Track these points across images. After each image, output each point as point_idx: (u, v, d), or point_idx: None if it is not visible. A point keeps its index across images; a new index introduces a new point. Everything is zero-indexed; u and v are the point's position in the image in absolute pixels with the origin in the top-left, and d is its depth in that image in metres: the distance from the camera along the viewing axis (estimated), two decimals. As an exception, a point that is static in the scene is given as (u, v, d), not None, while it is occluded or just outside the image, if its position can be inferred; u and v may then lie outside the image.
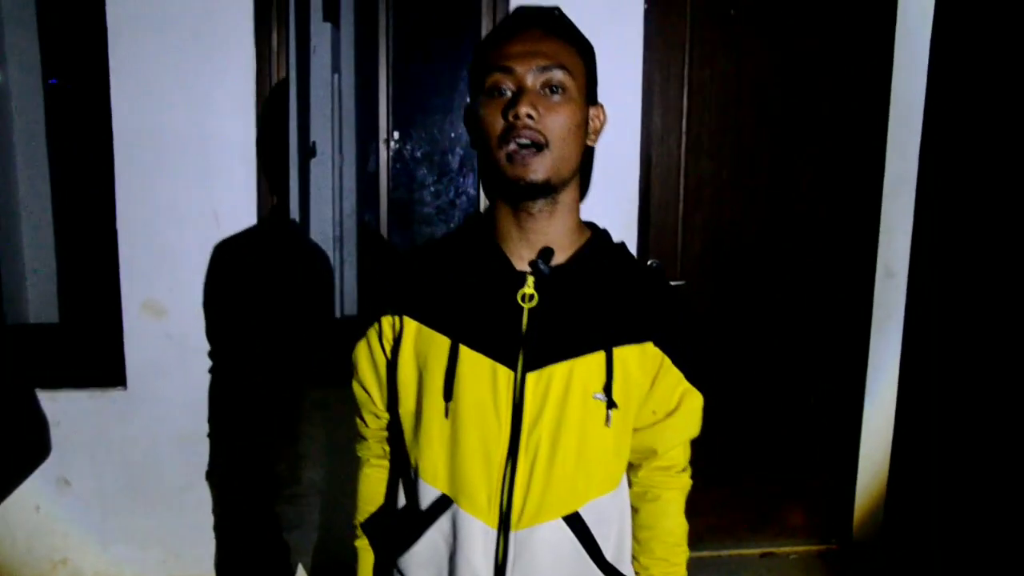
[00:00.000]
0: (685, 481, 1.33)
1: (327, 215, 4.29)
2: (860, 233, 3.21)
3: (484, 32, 2.88)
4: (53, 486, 2.87)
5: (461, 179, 4.07)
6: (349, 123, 4.28)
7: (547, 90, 1.11)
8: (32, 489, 2.86)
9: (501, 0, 2.83)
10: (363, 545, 1.38)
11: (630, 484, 1.31)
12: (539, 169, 1.10)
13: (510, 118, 1.09)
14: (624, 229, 2.98)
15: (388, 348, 1.23)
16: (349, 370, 1.33)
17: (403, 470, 1.28)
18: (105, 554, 2.92)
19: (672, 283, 3.01)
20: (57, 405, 2.84)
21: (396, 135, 3.87)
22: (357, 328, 1.28)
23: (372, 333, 1.26)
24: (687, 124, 3.03)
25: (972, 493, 2.95)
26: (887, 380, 3.31)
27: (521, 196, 1.13)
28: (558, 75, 1.11)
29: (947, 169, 3.09)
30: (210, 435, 2.89)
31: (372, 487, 1.39)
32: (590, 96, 1.19)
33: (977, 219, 2.98)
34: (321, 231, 4.14)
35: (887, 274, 3.23)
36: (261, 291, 2.88)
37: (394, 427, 1.32)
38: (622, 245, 1.26)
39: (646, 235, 3.03)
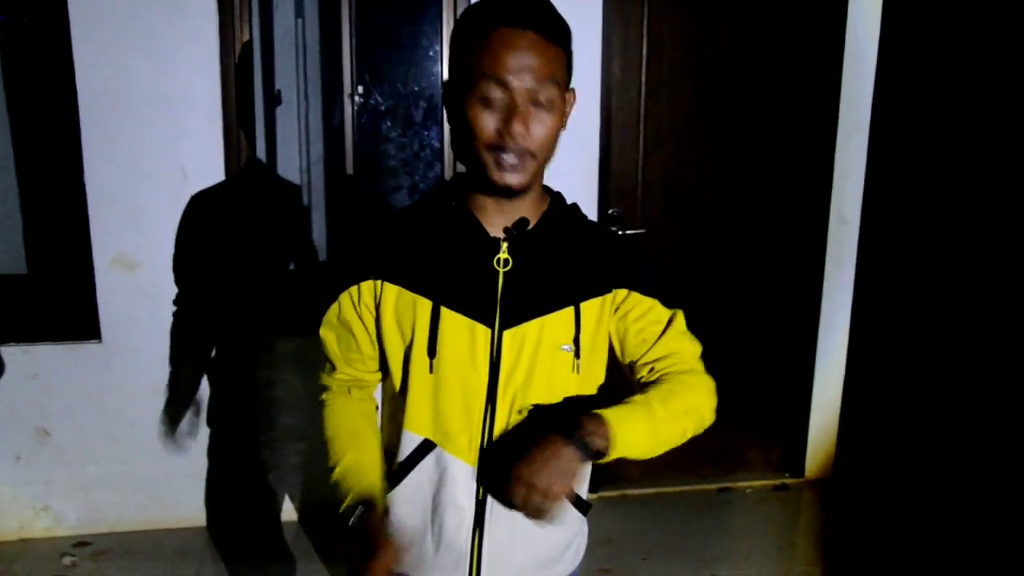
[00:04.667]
0: (708, 380, 1.41)
1: (295, 162, 4.31)
2: (814, 181, 3.30)
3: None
4: (33, 436, 2.94)
5: (425, 132, 4.09)
6: (313, 69, 4.28)
7: (537, 105, 1.14)
8: (12, 440, 2.94)
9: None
10: (342, 469, 1.32)
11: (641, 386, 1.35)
12: (523, 177, 1.17)
13: (502, 134, 1.13)
14: (586, 178, 3.06)
15: (366, 312, 1.29)
16: (316, 318, 1.34)
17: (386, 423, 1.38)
18: (86, 500, 3.01)
19: (632, 231, 3.11)
20: (34, 358, 2.90)
21: (360, 89, 3.87)
22: (326, 275, 1.31)
23: (346, 298, 1.29)
24: (646, 74, 3.08)
25: (920, 431, 3.11)
26: (840, 322, 3.45)
27: (499, 194, 1.20)
28: (550, 91, 1.14)
29: (899, 118, 3.18)
30: (186, 384, 2.96)
31: (348, 415, 1.37)
32: (568, 85, 1.21)
33: (929, 167, 3.08)
34: (289, 178, 4.17)
35: (840, 220, 3.33)
36: (231, 243, 2.93)
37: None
38: (575, 206, 1.34)
39: (606, 184, 3.10)
